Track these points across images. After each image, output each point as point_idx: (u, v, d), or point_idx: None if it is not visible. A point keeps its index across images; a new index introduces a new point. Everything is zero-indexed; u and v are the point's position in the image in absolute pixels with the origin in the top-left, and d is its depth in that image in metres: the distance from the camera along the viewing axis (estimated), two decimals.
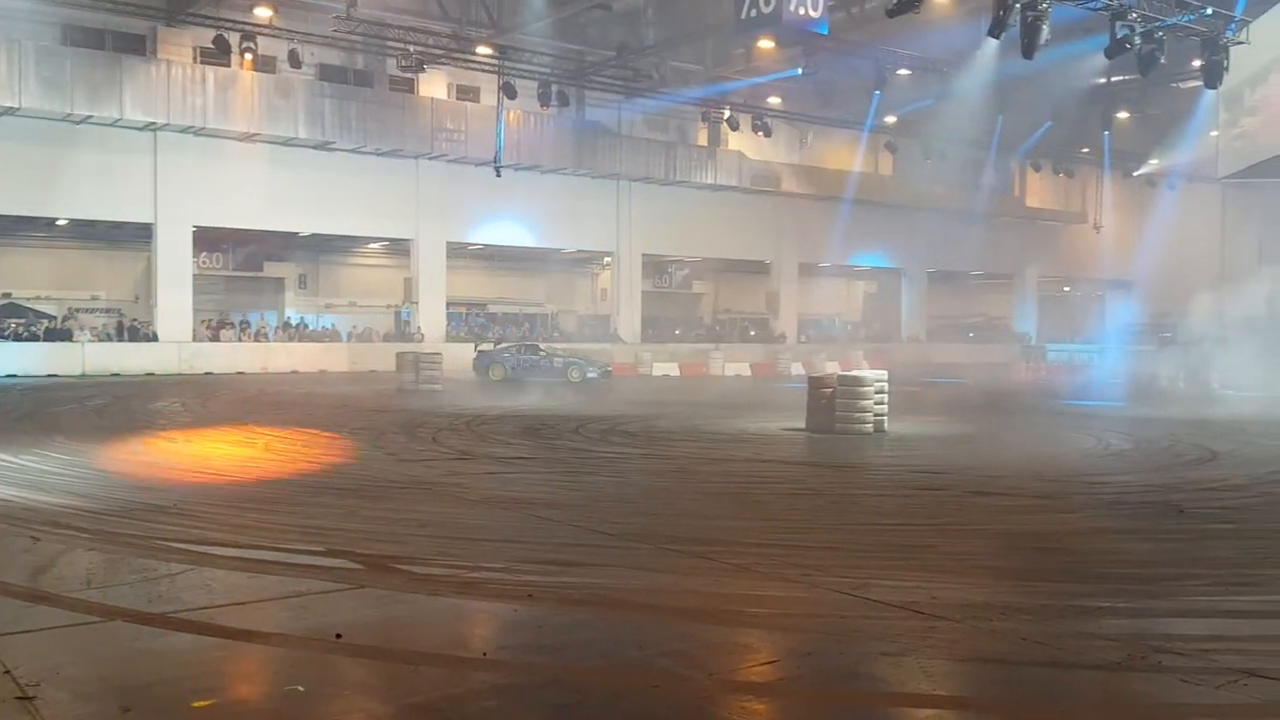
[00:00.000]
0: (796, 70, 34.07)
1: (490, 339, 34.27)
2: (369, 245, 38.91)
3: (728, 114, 38.71)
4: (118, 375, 28.92)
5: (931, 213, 42.46)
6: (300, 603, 6.13)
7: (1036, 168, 46.87)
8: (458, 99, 36.10)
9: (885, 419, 16.83)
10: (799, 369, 36.29)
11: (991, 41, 24.08)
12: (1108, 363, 34.37)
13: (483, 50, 33.15)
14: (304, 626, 5.62)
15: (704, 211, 40.22)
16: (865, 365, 28.15)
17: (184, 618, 5.68)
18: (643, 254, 40.47)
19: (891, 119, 40.35)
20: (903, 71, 34.28)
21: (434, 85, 35.30)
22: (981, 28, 23.65)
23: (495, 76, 34.23)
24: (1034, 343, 46.52)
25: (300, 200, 32.67)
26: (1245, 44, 25.85)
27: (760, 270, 44.39)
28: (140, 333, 31.27)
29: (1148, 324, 38.01)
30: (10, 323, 30.58)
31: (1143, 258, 43.37)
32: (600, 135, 37.97)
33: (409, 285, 36.01)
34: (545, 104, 34.80)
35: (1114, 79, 35.84)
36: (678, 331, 43.26)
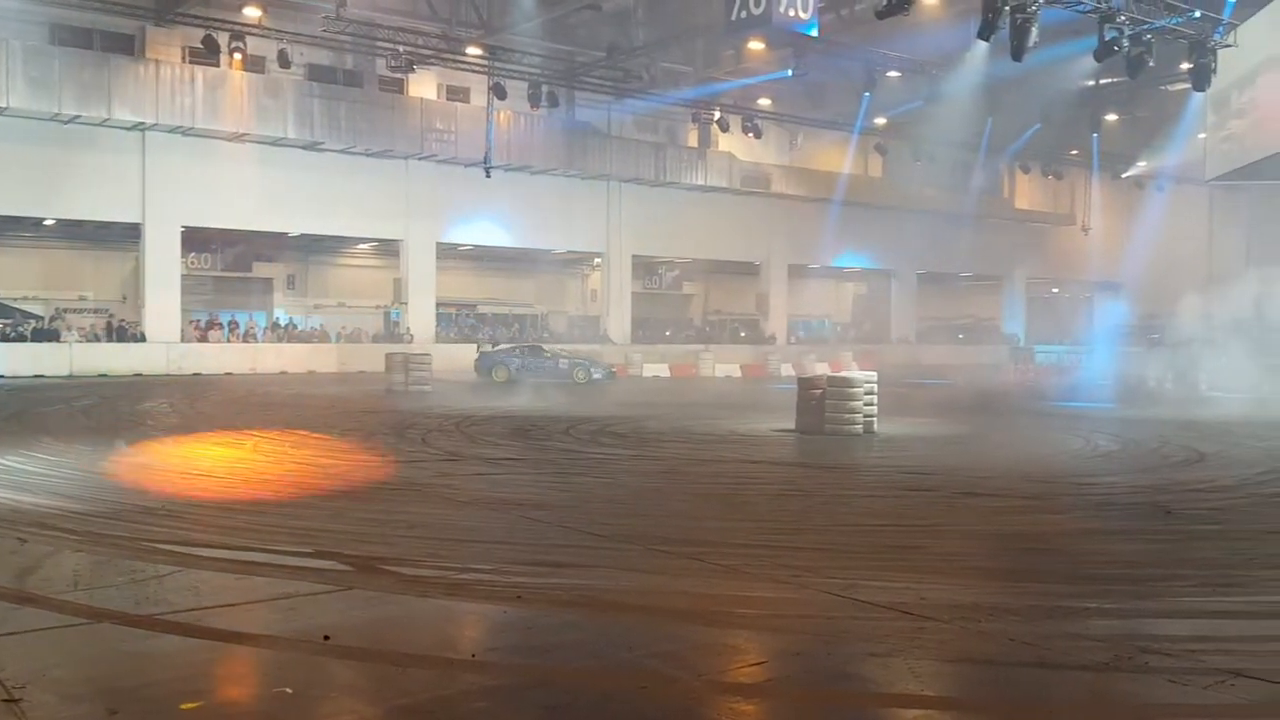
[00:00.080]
0: (786, 72, 34.10)
1: (489, 340, 34.23)
2: (358, 246, 38.81)
3: (718, 115, 38.74)
4: (105, 376, 28.80)
5: (921, 214, 42.58)
6: (288, 604, 6.12)
7: (1025, 170, 47.01)
8: (447, 99, 36.05)
9: (875, 420, 16.87)
10: (789, 370, 36.32)
11: (980, 44, 24.18)
12: (1096, 364, 34.46)
13: (472, 51, 33.12)
14: (292, 628, 5.61)
15: (694, 212, 40.24)
16: (855, 366, 28.22)
17: (172, 619, 5.67)
18: (633, 255, 40.47)
19: (881, 121, 40.42)
20: (892, 73, 34.35)
21: (423, 86, 35.24)
22: (970, 30, 23.68)
23: (485, 77, 34.19)
24: (1023, 344, 46.64)
25: (289, 201, 32.59)
26: (1233, 47, 25.98)
27: (750, 271, 44.44)
28: (128, 333, 31.14)
29: (1136, 325, 38.11)
30: None
31: (1131, 259, 43.49)
32: (590, 136, 37.97)
33: (398, 286, 35.94)
34: (535, 105, 34.76)
35: (1103, 81, 35.97)
36: (668, 333, 43.25)
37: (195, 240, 33.54)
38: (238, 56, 30.30)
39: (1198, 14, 24.50)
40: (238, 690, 5.00)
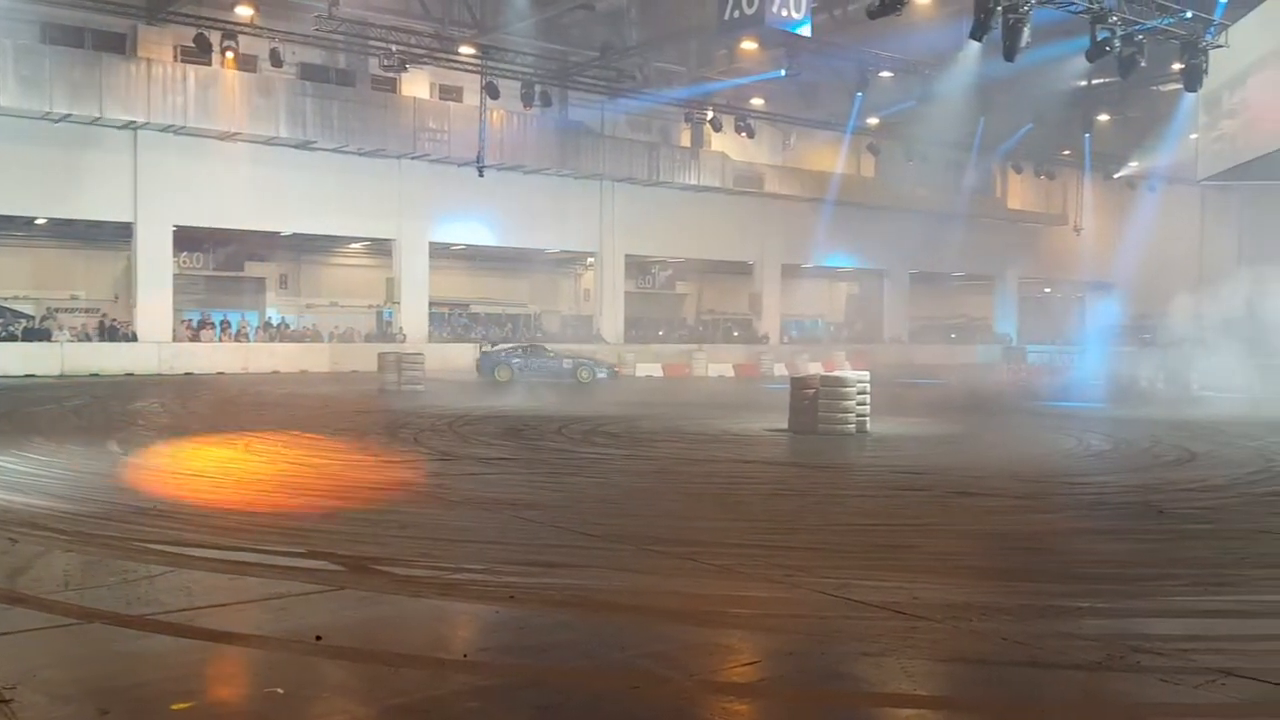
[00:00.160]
0: (779, 71, 34.13)
1: (486, 340, 34.17)
2: (351, 245, 38.76)
3: (711, 115, 38.71)
4: (97, 375, 28.71)
5: (913, 214, 42.60)
6: (280, 604, 6.10)
7: (1018, 170, 47.07)
8: (440, 99, 36.00)
9: (867, 419, 16.89)
10: (782, 370, 36.38)
11: (973, 44, 24.18)
12: (1088, 364, 34.57)
13: (465, 50, 33.05)
14: (284, 628, 5.59)
15: (687, 212, 40.24)
16: (848, 366, 28.26)
17: (163, 620, 5.65)
18: (626, 254, 40.45)
19: (874, 120, 40.43)
20: (885, 73, 34.36)
21: (416, 85, 35.19)
22: (963, 30, 23.72)
23: (478, 76, 34.17)
24: (1015, 344, 46.78)
25: (282, 200, 32.52)
26: (1224, 47, 26.04)
27: (743, 271, 44.46)
28: (120, 333, 31.05)
29: (1128, 325, 38.24)
30: None
31: (1123, 259, 43.58)
32: (583, 135, 37.95)
33: (391, 285, 35.87)
34: (528, 104, 34.72)
35: (1095, 82, 36.05)
36: (661, 332, 43.26)
37: (187, 239, 33.45)
38: (230, 55, 30.20)
39: (1189, 14, 24.56)
40: (229, 690, 4.99)
